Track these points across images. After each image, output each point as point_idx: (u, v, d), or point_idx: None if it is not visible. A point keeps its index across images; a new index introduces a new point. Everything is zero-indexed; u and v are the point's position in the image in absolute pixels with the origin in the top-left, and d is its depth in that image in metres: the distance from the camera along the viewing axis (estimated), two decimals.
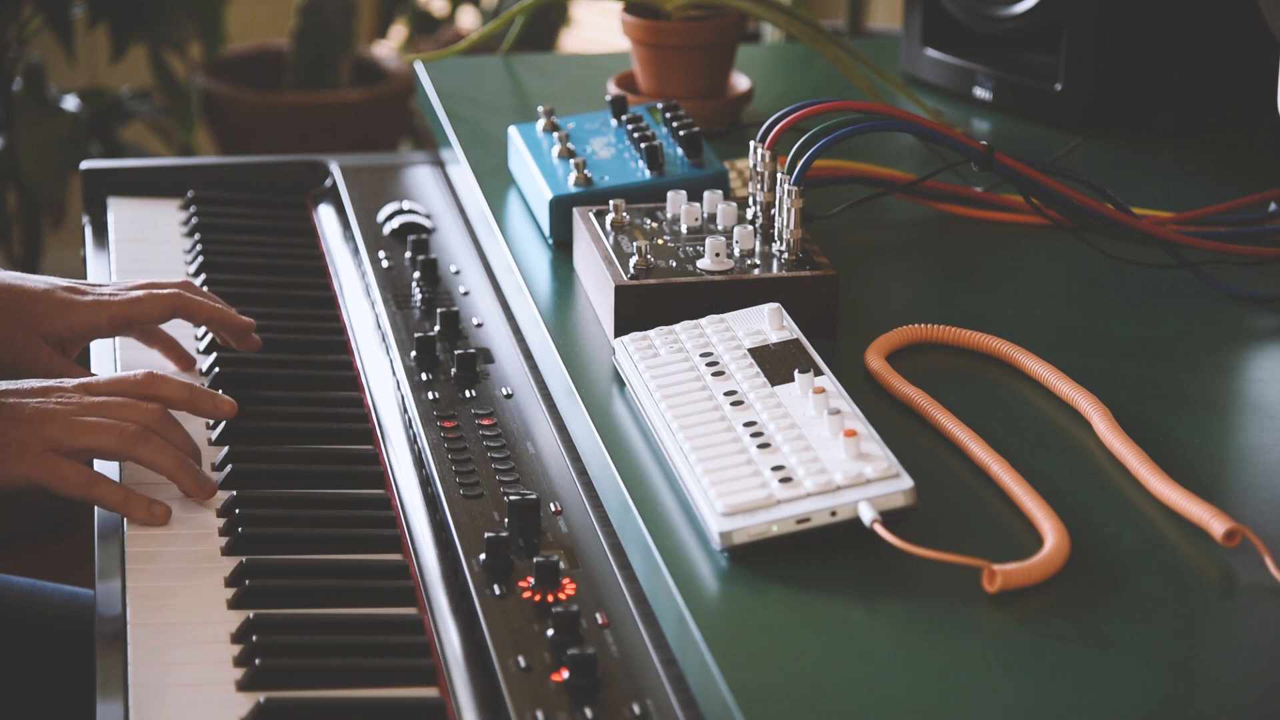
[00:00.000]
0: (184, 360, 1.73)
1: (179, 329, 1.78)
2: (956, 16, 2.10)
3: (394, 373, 1.69)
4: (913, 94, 2.08)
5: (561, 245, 1.74)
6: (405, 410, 1.63)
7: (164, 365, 1.73)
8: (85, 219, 2.05)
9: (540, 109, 1.84)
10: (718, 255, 1.58)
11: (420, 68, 2.16)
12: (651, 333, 1.53)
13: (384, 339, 1.75)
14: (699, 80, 2.00)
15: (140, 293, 1.65)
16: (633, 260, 1.58)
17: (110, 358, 1.77)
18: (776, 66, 2.33)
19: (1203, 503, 1.32)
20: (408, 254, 1.87)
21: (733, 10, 1.99)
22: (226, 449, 1.60)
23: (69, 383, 1.54)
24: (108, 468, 1.56)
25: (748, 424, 1.39)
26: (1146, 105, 2.04)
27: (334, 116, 3.70)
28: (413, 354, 1.69)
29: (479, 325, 1.76)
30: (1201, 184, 1.90)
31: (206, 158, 3.46)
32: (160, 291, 1.66)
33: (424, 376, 1.66)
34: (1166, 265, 1.70)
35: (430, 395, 1.64)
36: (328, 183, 2.09)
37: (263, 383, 1.71)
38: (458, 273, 1.86)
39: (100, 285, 1.68)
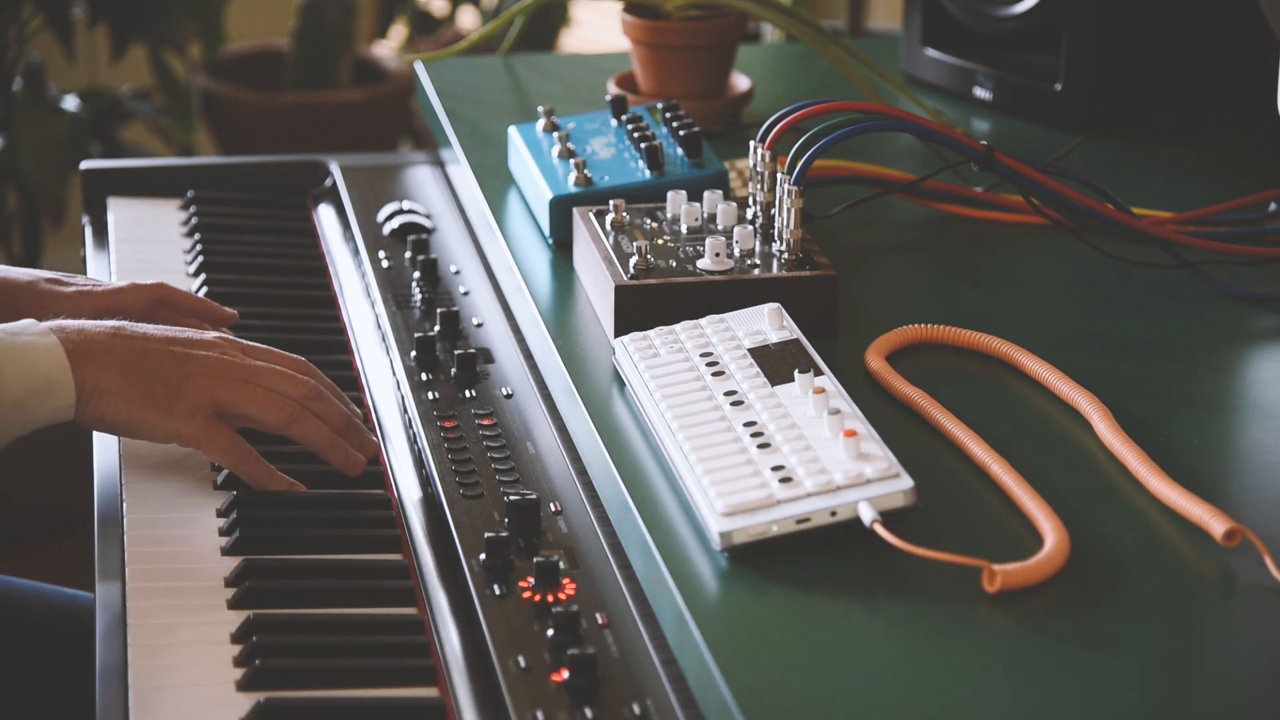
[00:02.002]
0: None
1: None
2: (956, 16, 2.10)
3: (394, 373, 1.69)
4: (913, 94, 2.08)
5: (561, 245, 1.74)
6: (405, 410, 1.63)
7: None
8: (85, 219, 2.05)
9: (540, 109, 1.84)
10: (718, 255, 1.58)
11: (420, 68, 2.16)
12: (651, 333, 1.53)
13: (384, 339, 1.75)
14: (699, 80, 2.00)
15: (123, 283, 1.66)
16: (633, 260, 1.58)
17: None
18: (776, 66, 2.33)
19: (1203, 503, 1.32)
20: (408, 254, 1.87)
21: (733, 10, 1.99)
22: None
23: (228, 340, 1.56)
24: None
25: (748, 424, 1.39)
26: (1146, 105, 2.04)
27: (334, 116, 3.70)
28: (413, 354, 1.69)
29: (479, 325, 1.76)
30: (1201, 184, 1.90)
31: (206, 158, 3.46)
32: (143, 283, 1.66)
33: (424, 376, 1.66)
34: (1166, 265, 1.70)
35: (430, 395, 1.64)
36: (328, 183, 2.09)
37: None
38: (458, 273, 1.86)
39: (84, 278, 1.68)
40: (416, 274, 1.83)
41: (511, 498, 1.44)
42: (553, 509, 1.47)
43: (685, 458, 1.37)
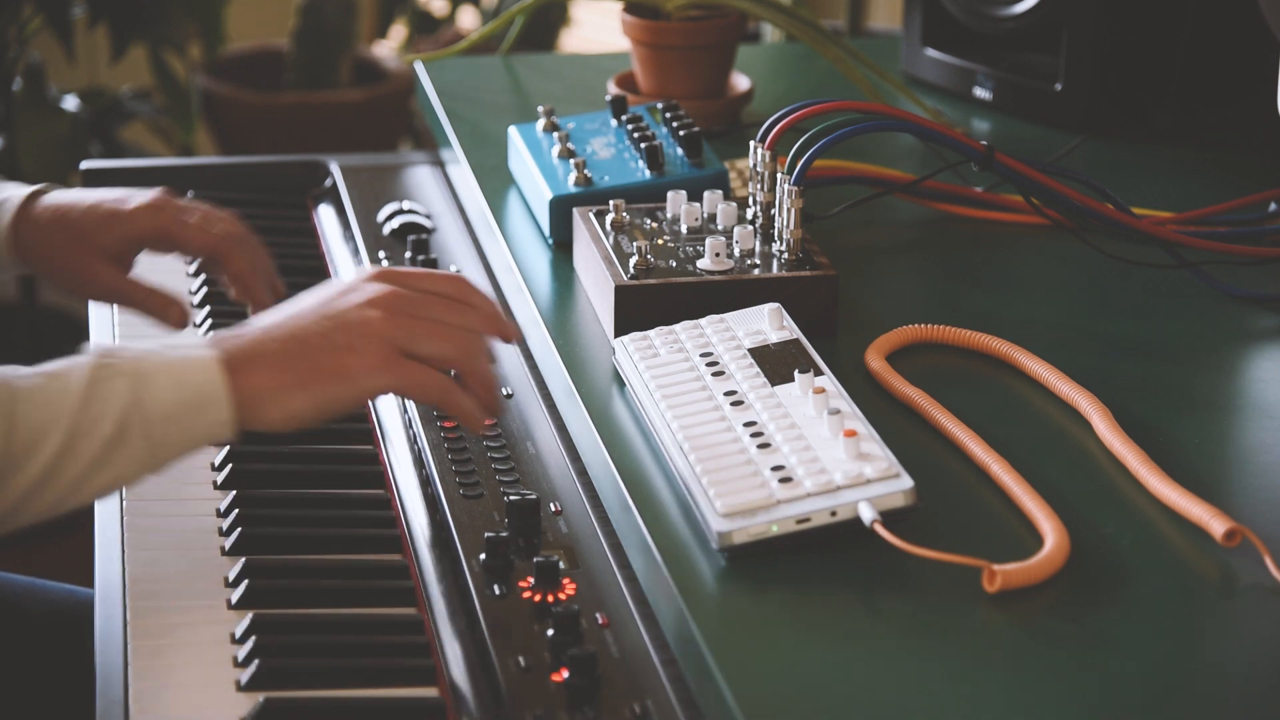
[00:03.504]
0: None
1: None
2: (956, 16, 2.10)
3: None
4: (913, 94, 2.08)
5: (561, 245, 1.74)
6: (405, 410, 1.63)
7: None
8: None
9: (540, 109, 1.84)
10: (718, 255, 1.58)
11: (420, 68, 2.16)
12: (651, 333, 1.53)
13: None
14: (699, 80, 2.00)
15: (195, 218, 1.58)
16: (633, 260, 1.58)
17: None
18: (776, 66, 2.33)
19: (1203, 503, 1.32)
20: (408, 254, 1.87)
21: (733, 10, 1.99)
22: (227, 449, 1.59)
23: (379, 274, 1.44)
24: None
25: (748, 424, 1.39)
26: (1146, 105, 2.04)
27: (334, 116, 3.70)
28: None
29: None
30: (1201, 184, 1.90)
31: (206, 158, 3.45)
32: (216, 229, 1.57)
33: None
34: (1166, 265, 1.70)
35: None
36: (328, 183, 2.09)
37: None
38: (458, 273, 1.86)
39: (144, 193, 1.61)
40: None
41: (511, 498, 1.44)
42: (553, 509, 1.47)
43: (685, 458, 1.37)
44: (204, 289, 1.87)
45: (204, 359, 1.37)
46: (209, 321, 1.82)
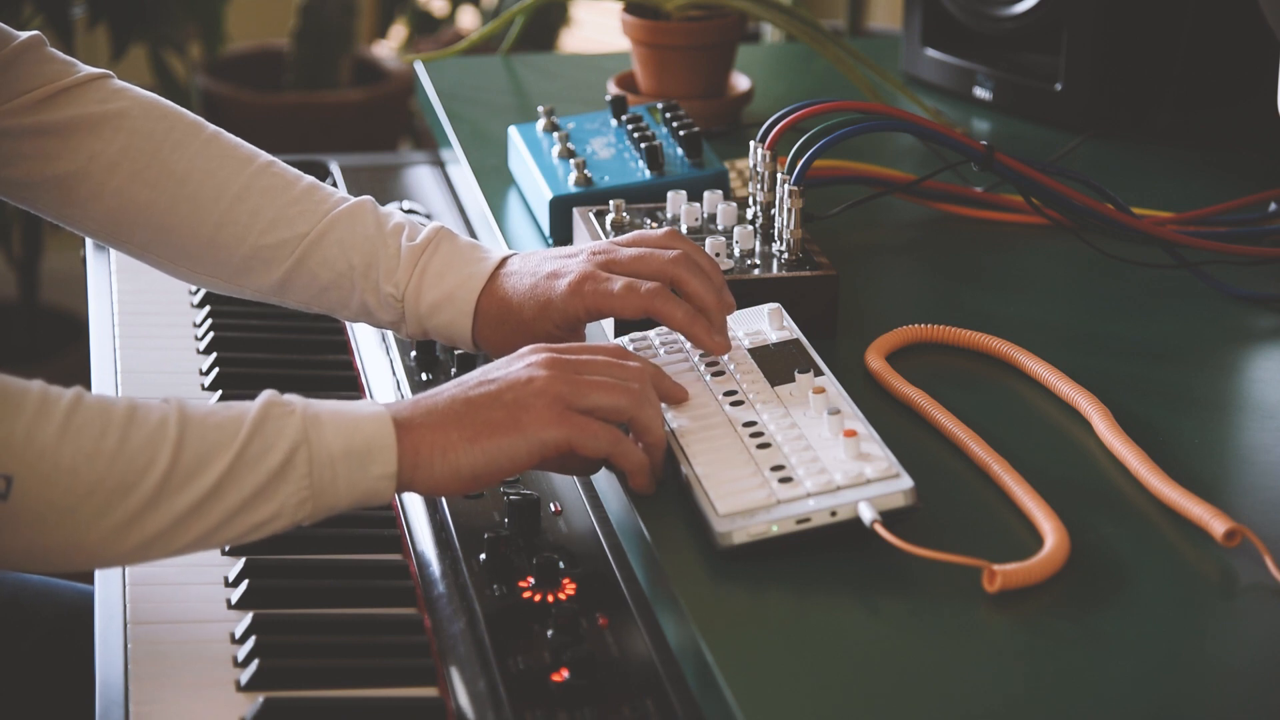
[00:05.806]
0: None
1: (181, 317, 1.77)
2: (956, 16, 2.10)
3: (394, 373, 1.69)
4: (913, 94, 2.08)
5: (562, 245, 1.74)
6: None
7: None
8: None
9: (540, 109, 1.84)
10: (718, 255, 1.58)
11: (420, 68, 2.16)
12: (651, 333, 1.53)
13: (384, 339, 1.75)
14: (699, 80, 2.00)
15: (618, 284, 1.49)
16: None
17: (110, 358, 1.77)
18: (776, 66, 2.33)
19: (1203, 503, 1.32)
20: None
21: (733, 10, 1.99)
22: None
23: (537, 347, 1.43)
24: None
25: (747, 424, 1.39)
26: (1146, 105, 2.04)
27: (334, 116, 3.70)
28: (413, 354, 1.69)
29: None
30: (1201, 184, 1.90)
31: None
32: (643, 291, 1.48)
33: (424, 377, 1.66)
34: (1166, 265, 1.70)
35: None
36: (328, 183, 2.09)
37: (263, 383, 1.70)
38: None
39: (574, 265, 1.52)
40: None
41: (511, 497, 1.44)
42: (553, 509, 1.47)
43: (685, 458, 1.37)
44: (203, 290, 1.86)
45: (377, 413, 1.35)
46: (209, 321, 1.82)
